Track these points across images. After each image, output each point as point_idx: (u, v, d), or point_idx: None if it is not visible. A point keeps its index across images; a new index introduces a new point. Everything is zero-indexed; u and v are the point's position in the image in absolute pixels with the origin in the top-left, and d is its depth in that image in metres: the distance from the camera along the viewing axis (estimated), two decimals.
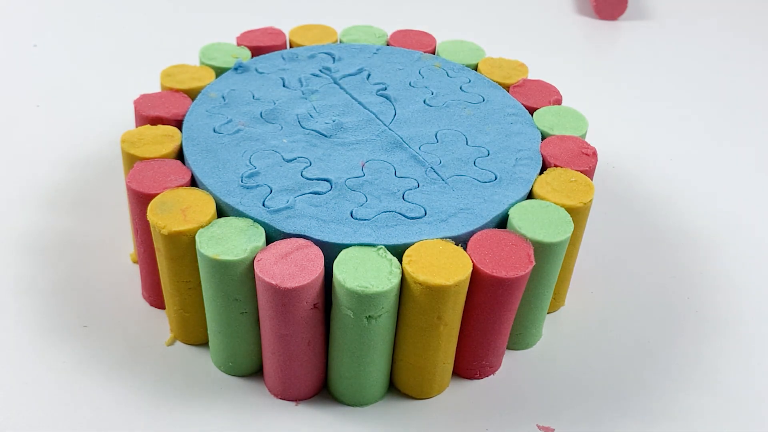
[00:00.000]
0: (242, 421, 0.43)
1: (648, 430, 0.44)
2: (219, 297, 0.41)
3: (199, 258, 0.40)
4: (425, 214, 0.42)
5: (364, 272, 0.39)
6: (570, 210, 0.44)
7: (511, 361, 0.48)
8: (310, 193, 0.43)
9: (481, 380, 0.47)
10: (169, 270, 0.43)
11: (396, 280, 0.39)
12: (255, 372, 0.46)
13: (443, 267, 0.39)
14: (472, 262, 0.40)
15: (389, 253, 0.40)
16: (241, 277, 0.40)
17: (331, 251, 0.40)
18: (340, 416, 0.44)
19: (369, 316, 0.39)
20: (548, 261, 0.43)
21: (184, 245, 0.41)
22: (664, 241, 0.58)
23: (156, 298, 0.49)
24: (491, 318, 0.43)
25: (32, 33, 0.80)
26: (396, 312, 0.41)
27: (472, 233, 0.42)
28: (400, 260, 0.40)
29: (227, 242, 0.40)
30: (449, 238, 0.41)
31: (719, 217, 0.61)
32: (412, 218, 0.42)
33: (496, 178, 0.45)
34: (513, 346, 0.48)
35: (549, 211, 0.43)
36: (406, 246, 0.40)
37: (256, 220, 0.41)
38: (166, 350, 0.47)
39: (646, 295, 0.53)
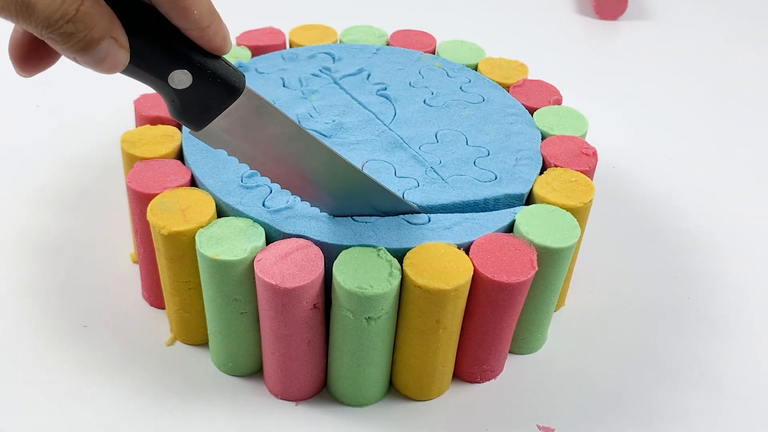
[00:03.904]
0: (242, 421, 0.43)
1: (648, 430, 0.44)
2: (219, 297, 0.41)
3: (198, 258, 0.40)
4: (429, 221, 0.42)
5: (363, 273, 0.38)
6: (570, 210, 0.44)
7: (511, 361, 0.48)
8: None
9: (481, 383, 0.46)
10: (169, 270, 0.43)
11: (396, 282, 0.39)
12: (255, 372, 0.46)
13: (444, 271, 0.39)
14: (474, 266, 0.40)
15: (389, 254, 0.40)
16: (241, 277, 0.40)
17: (330, 252, 0.40)
18: (340, 416, 0.44)
19: (368, 318, 0.39)
20: (555, 266, 0.43)
21: (183, 245, 0.41)
22: (664, 241, 0.58)
23: (156, 298, 0.49)
24: (493, 322, 0.42)
25: None
26: (396, 313, 0.41)
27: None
28: (401, 262, 0.40)
29: (227, 242, 0.40)
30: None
31: (719, 217, 0.61)
32: (415, 224, 0.42)
33: (496, 178, 0.45)
34: (518, 350, 0.48)
35: (555, 216, 0.43)
36: (407, 249, 0.40)
37: (255, 221, 0.41)
38: (166, 350, 0.47)
39: (646, 295, 0.53)
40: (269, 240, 0.41)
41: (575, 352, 0.49)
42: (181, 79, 0.34)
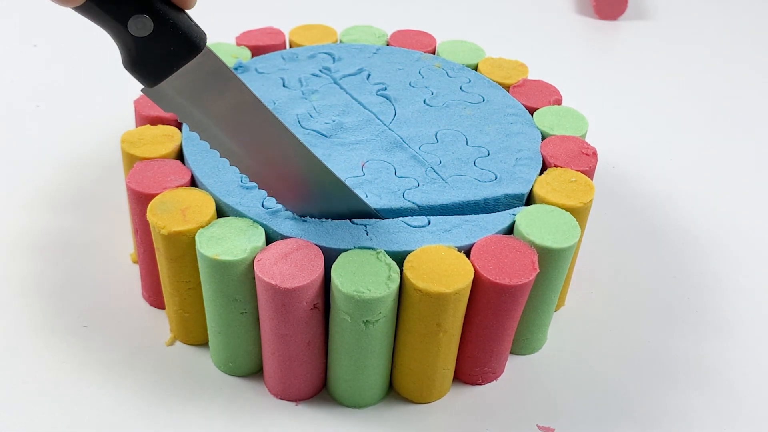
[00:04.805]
0: (242, 421, 0.43)
1: (648, 430, 0.44)
2: (219, 297, 0.41)
3: (198, 258, 0.40)
4: (429, 224, 0.42)
5: (362, 276, 0.38)
6: (570, 210, 0.43)
7: (511, 362, 0.48)
8: None
9: (482, 385, 0.46)
10: (169, 270, 0.43)
11: (394, 286, 0.38)
12: (255, 372, 0.46)
13: (444, 274, 0.39)
14: (475, 268, 0.40)
15: (388, 257, 0.40)
16: (241, 277, 0.40)
17: (329, 253, 0.40)
18: (340, 417, 0.44)
19: (366, 321, 0.39)
20: (556, 266, 0.43)
21: (183, 245, 0.41)
22: (664, 241, 0.58)
23: (156, 298, 0.49)
24: (494, 324, 0.42)
25: (32, 33, 0.80)
26: (395, 316, 0.41)
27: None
28: (401, 265, 0.39)
29: (227, 242, 0.40)
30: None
31: (719, 217, 0.61)
32: (415, 227, 0.42)
33: (496, 178, 0.45)
34: (519, 351, 0.48)
35: (555, 216, 0.43)
36: (407, 252, 0.40)
37: (255, 221, 0.41)
38: (166, 350, 0.47)
39: (646, 295, 0.53)
40: (268, 240, 0.41)
41: (575, 352, 0.49)
42: (141, 24, 0.33)
